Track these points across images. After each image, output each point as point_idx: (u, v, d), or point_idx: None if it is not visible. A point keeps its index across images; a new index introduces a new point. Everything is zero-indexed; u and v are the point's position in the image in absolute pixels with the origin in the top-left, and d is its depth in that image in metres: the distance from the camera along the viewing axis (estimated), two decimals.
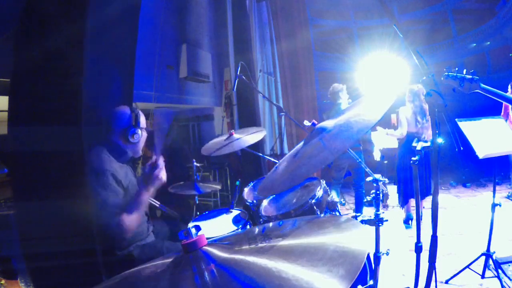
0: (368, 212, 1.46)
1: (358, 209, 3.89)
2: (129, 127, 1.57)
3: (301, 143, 1.41)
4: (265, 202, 1.83)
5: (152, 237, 1.73)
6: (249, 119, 4.65)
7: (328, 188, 1.72)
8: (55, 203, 1.16)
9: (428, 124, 3.59)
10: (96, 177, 1.44)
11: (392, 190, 4.51)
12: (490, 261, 2.35)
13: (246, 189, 2.20)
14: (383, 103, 1.17)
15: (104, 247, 1.36)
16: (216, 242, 0.78)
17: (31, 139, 1.08)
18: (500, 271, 2.23)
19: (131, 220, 1.44)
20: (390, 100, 1.16)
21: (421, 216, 3.59)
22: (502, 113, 4.26)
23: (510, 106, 4.13)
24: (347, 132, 1.20)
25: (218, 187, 2.82)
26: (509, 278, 2.23)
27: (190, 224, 1.85)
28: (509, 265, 2.36)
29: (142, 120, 1.67)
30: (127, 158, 1.66)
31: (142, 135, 1.65)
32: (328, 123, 1.35)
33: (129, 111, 1.61)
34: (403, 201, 3.79)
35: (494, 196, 2.37)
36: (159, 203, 2.40)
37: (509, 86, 4.14)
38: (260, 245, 0.73)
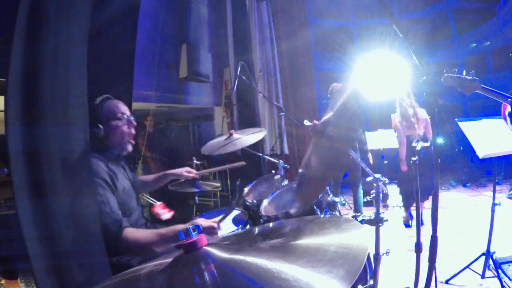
0: (368, 212, 1.46)
1: (357, 209, 3.90)
2: (91, 122, 1.39)
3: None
4: (265, 202, 1.83)
5: None
6: (249, 119, 4.64)
7: (328, 188, 1.72)
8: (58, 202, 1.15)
9: (417, 125, 3.63)
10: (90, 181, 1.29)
11: (392, 190, 4.51)
12: (490, 261, 2.36)
13: (246, 189, 2.20)
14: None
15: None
16: (216, 242, 0.78)
17: (30, 139, 1.08)
18: (500, 271, 2.24)
19: (135, 237, 1.29)
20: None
21: (421, 216, 3.59)
22: (502, 114, 4.27)
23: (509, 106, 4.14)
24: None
25: (218, 184, 2.82)
26: (509, 278, 2.23)
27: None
28: (509, 265, 2.36)
29: (123, 108, 1.54)
30: (114, 154, 1.54)
31: (122, 125, 1.51)
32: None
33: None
34: (408, 203, 3.80)
35: (494, 196, 2.37)
36: (158, 203, 2.40)
37: None
38: (260, 245, 0.73)
